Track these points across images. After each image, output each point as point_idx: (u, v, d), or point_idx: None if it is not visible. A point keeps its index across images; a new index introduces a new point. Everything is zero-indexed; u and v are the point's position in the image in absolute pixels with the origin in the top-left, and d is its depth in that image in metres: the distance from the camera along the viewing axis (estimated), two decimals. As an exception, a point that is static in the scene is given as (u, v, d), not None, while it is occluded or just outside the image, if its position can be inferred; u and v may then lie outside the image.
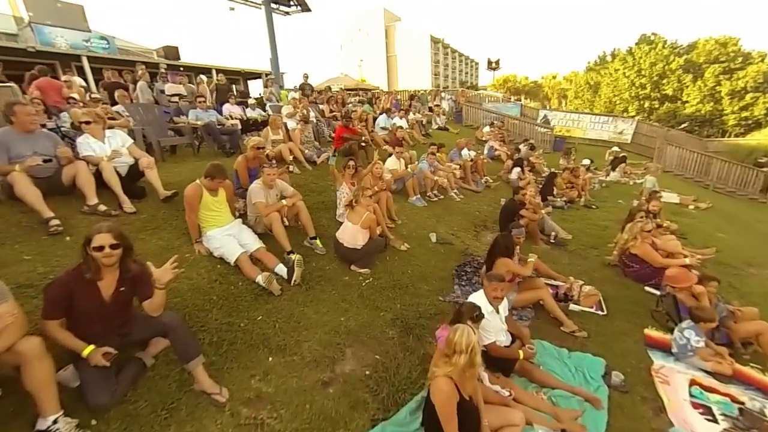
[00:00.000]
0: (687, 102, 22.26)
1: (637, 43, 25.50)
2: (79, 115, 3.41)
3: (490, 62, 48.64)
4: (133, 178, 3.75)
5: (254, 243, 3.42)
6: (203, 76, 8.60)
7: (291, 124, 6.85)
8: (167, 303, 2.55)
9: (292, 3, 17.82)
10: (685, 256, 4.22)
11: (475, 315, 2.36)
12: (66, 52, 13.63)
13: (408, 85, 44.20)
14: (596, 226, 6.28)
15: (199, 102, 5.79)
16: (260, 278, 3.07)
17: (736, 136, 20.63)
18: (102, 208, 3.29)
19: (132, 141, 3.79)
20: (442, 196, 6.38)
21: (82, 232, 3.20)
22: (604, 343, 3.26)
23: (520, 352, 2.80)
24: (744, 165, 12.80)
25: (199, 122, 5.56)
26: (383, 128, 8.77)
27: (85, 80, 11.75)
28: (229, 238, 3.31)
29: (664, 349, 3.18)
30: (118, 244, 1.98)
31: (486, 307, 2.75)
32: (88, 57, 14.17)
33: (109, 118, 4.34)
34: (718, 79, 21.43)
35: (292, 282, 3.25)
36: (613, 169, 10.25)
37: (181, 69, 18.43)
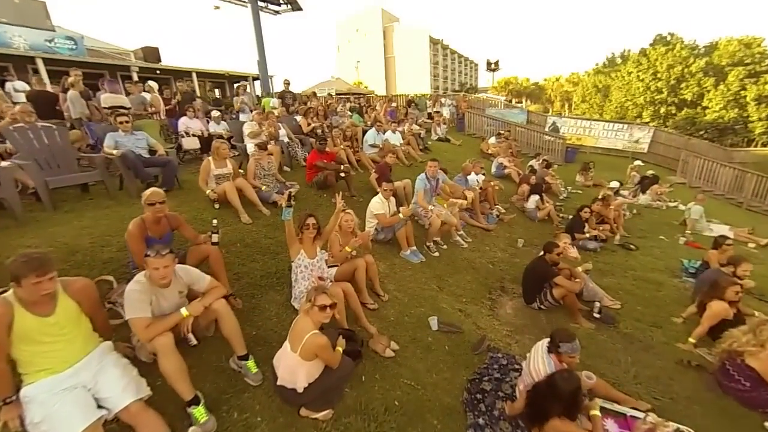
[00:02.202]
0: (707, 108, 20.71)
1: (651, 44, 23.93)
2: None
3: (489, 63, 47.24)
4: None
5: (124, 394, 1.91)
6: (153, 83, 7.11)
7: (252, 147, 5.38)
8: None
9: (281, 1, 16.49)
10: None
11: None
12: (18, 53, 12.13)
13: (407, 88, 42.78)
14: (646, 283, 4.80)
15: (121, 122, 4.29)
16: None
17: (764, 145, 19.10)
18: None
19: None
20: (444, 246, 4.91)
21: None
22: None
23: None
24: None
25: (115, 151, 4.07)
26: (372, 146, 7.30)
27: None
28: (69, 396, 1.82)
29: None
30: None
31: None
32: (47, 59, 12.70)
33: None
34: (743, 83, 19.83)
35: (179, 480, 1.77)
36: (643, 191, 8.79)
37: (158, 72, 17.05)
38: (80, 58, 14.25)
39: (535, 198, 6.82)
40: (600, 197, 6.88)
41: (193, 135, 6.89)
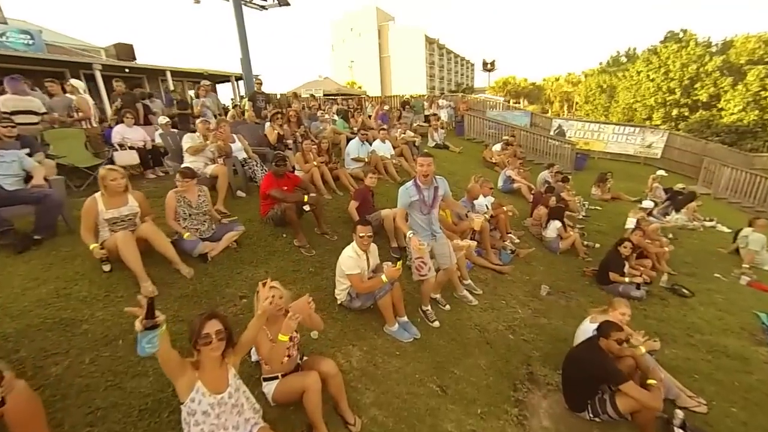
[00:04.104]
0: (724, 109, 19.39)
1: (662, 42, 22.61)
2: None
3: (485, 63, 46.22)
4: None
5: None
6: (77, 82, 5.69)
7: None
8: None
9: (268, -5, 15.18)
10: None
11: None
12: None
13: (402, 88, 41.46)
14: (726, 357, 3.49)
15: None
16: None
17: (788, 150, 17.83)
18: None
19: None
20: (446, 306, 3.57)
21: None
22: None
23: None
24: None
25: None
26: (356, 160, 5.95)
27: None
28: None
29: None
30: None
31: None
32: (-8, 55, 11.19)
33: None
34: (763, 83, 18.52)
35: None
36: (677, 210, 7.50)
37: (127, 70, 15.65)
38: (36, 54, 12.78)
39: (556, 225, 5.51)
40: (636, 224, 5.61)
41: (131, 147, 5.54)
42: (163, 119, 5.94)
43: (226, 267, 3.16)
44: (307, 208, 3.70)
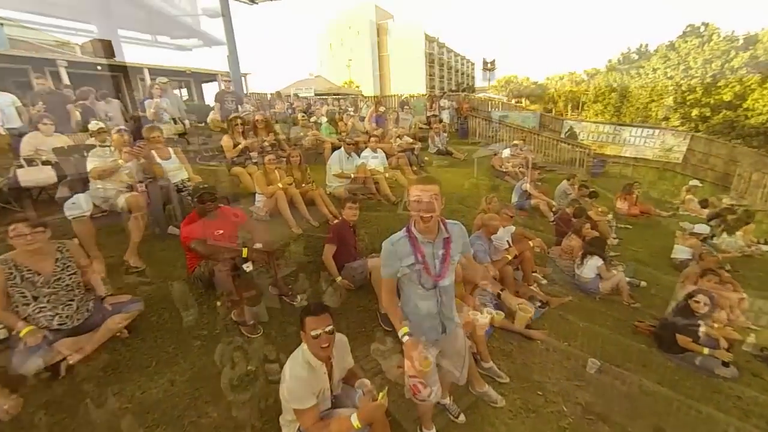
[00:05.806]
0: (750, 109, 18.02)
1: (681, 36, 21.23)
2: None
3: (485, 62, 44.99)
4: None
5: None
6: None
7: (82, 204, 2.76)
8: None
9: (258, -11, 13.94)
10: None
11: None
12: None
13: (401, 87, 40.18)
14: None
15: None
16: None
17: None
18: None
19: None
20: (459, 416, 2.31)
21: None
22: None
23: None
24: None
25: None
26: (338, 176, 4.70)
27: None
28: None
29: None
30: None
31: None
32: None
33: None
34: (796, 81, 17.15)
35: None
36: (729, 232, 6.24)
37: (99, 68, 14.41)
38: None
39: (596, 263, 4.24)
40: (699, 259, 4.37)
41: (47, 162, 4.30)
42: (94, 125, 4.68)
43: (95, 382, 1.90)
44: (248, 267, 2.43)
